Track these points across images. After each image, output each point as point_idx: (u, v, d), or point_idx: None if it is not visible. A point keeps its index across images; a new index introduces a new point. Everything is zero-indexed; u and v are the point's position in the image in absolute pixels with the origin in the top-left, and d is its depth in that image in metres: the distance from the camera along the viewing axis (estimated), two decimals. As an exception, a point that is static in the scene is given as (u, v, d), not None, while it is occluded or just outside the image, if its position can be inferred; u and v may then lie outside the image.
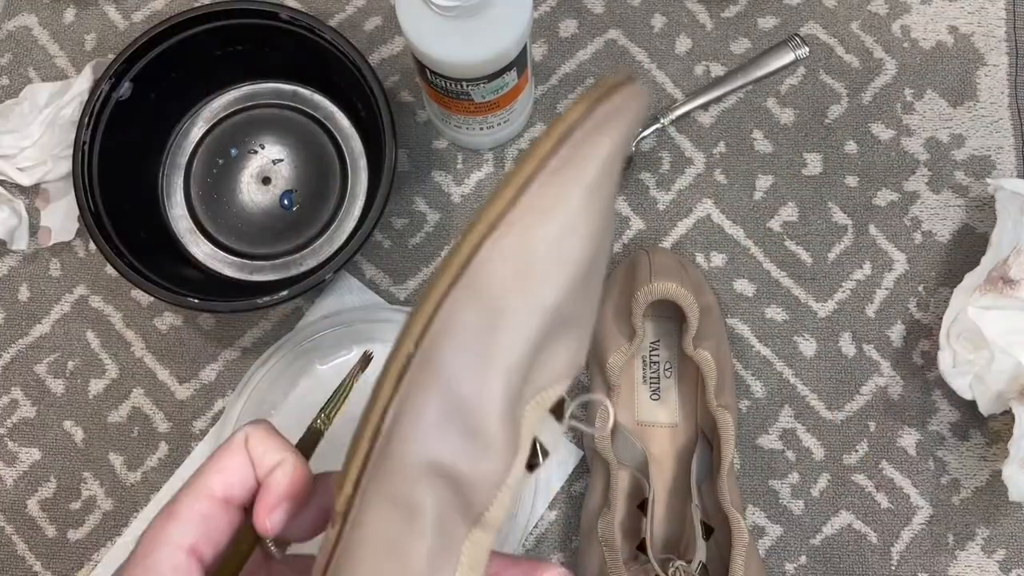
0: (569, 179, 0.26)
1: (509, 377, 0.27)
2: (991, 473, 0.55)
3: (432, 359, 0.26)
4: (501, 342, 0.26)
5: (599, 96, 0.27)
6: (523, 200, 0.26)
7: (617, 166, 0.27)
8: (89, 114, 0.53)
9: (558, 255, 0.26)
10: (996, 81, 0.60)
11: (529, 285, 0.26)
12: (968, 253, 0.57)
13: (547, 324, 0.27)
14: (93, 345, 0.57)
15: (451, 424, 0.27)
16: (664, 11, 0.61)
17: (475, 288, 0.26)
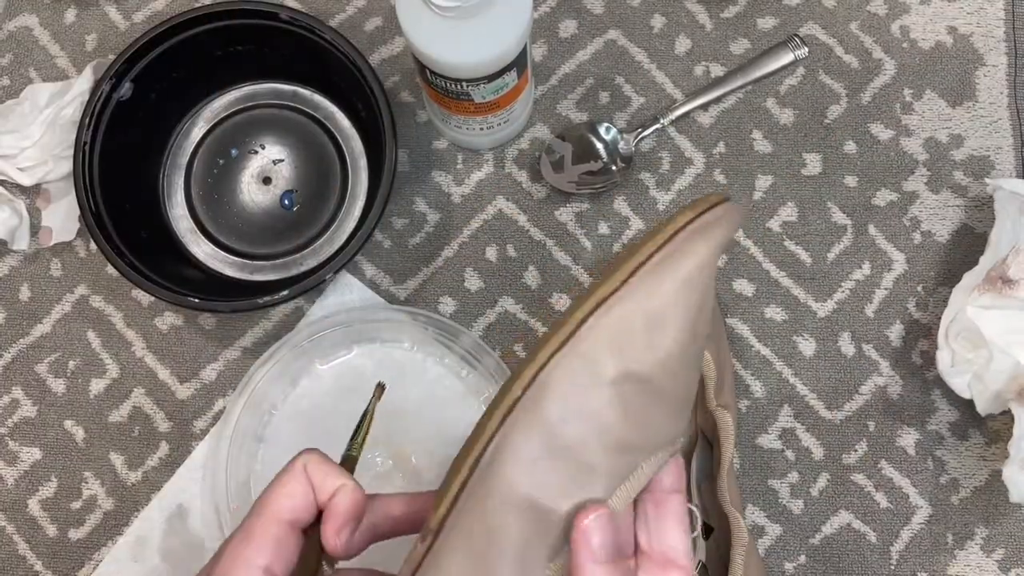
0: (667, 271, 0.31)
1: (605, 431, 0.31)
2: (990, 473, 0.55)
3: (539, 404, 0.31)
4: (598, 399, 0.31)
5: (704, 207, 0.32)
6: (627, 286, 0.31)
7: (712, 269, 0.32)
8: (90, 114, 0.53)
9: (654, 333, 0.31)
10: (995, 81, 0.60)
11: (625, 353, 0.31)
12: (967, 253, 0.58)
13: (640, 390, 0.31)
14: (94, 345, 0.58)
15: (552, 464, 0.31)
16: (664, 11, 0.61)
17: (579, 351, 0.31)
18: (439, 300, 0.58)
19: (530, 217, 0.58)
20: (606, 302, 0.31)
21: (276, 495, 0.34)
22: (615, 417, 0.31)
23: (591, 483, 0.31)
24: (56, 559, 0.55)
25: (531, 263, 0.58)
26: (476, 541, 0.30)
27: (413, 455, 0.54)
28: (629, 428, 0.31)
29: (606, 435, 0.31)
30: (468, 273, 0.58)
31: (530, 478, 0.30)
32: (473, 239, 0.58)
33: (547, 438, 0.30)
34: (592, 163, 0.58)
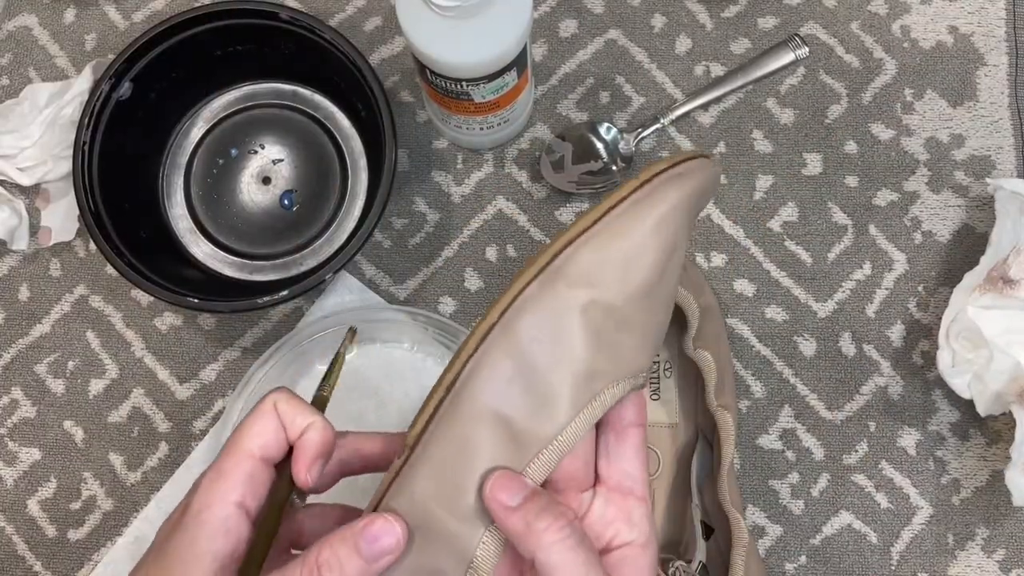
0: (640, 212, 0.33)
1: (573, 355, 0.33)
2: (991, 473, 0.55)
3: (513, 328, 0.33)
4: (569, 323, 0.33)
5: (679, 159, 0.34)
6: (604, 220, 0.33)
7: (684, 215, 0.34)
8: (89, 114, 0.53)
9: (625, 266, 0.33)
10: (996, 81, 0.60)
11: (598, 285, 0.33)
12: (968, 253, 0.58)
13: (609, 319, 0.33)
14: (93, 345, 0.57)
15: (521, 384, 0.32)
16: (664, 11, 0.61)
17: (555, 281, 0.33)
18: (439, 300, 0.58)
19: (530, 217, 0.58)
20: (581, 236, 0.33)
21: (248, 433, 0.35)
22: (583, 342, 0.32)
23: (553, 408, 0.32)
24: (55, 559, 0.55)
25: (531, 263, 0.58)
26: (448, 453, 0.32)
27: (413, 455, 0.54)
28: (596, 354, 0.33)
29: (574, 359, 0.33)
30: (468, 273, 0.58)
31: (502, 396, 0.32)
32: (473, 239, 0.58)
33: (518, 358, 0.32)
34: (592, 163, 0.58)
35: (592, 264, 0.33)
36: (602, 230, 0.33)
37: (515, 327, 0.33)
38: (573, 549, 0.31)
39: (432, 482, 0.32)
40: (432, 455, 0.33)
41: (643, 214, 0.33)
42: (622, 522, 0.34)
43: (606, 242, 0.33)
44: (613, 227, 0.33)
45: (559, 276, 0.33)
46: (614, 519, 0.34)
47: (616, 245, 0.33)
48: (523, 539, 0.31)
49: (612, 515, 0.34)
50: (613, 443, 0.34)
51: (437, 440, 0.33)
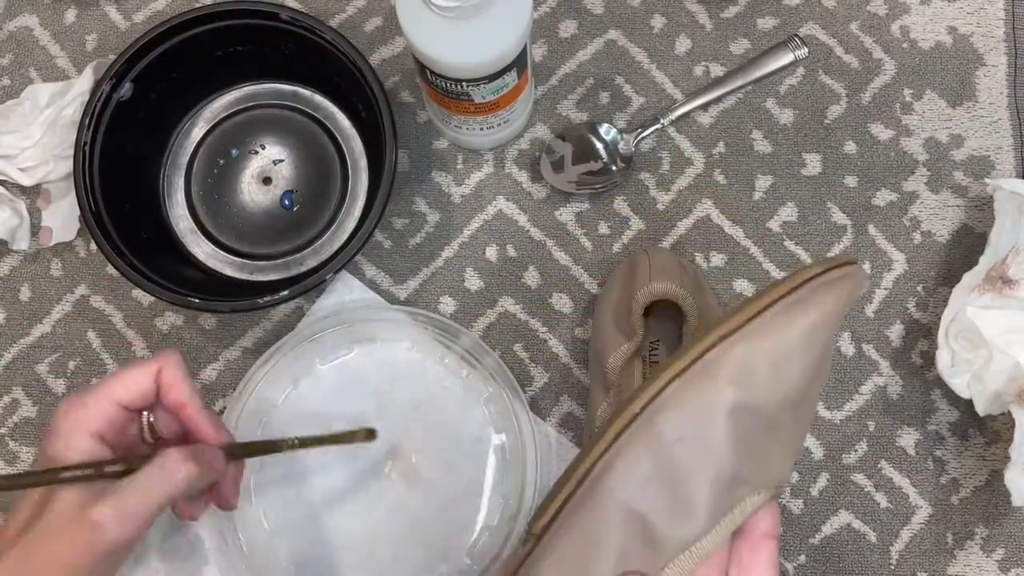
0: (795, 316, 0.32)
1: (717, 458, 0.31)
2: (990, 473, 0.55)
3: (655, 424, 0.31)
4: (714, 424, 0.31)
5: (833, 265, 0.34)
6: (757, 321, 0.32)
7: (834, 323, 0.33)
8: (90, 115, 0.53)
9: (777, 370, 0.32)
10: (995, 81, 0.60)
11: (748, 387, 0.31)
12: (967, 253, 0.58)
13: (756, 424, 0.32)
14: (94, 345, 0.58)
15: (661, 484, 0.31)
16: (664, 12, 0.61)
17: (703, 376, 0.31)
18: (439, 300, 0.58)
19: (530, 217, 0.59)
20: (733, 335, 0.32)
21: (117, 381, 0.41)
22: (728, 447, 0.31)
23: (692, 512, 0.31)
24: (56, 559, 0.55)
25: (531, 263, 0.58)
26: (577, 547, 0.31)
27: (413, 455, 0.54)
28: (740, 460, 0.32)
29: (716, 463, 0.31)
30: (468, 273, 0.58)
31: (639, 494, 0.31)
32: (473, 239, 0.58)
33: (659, 457, 0.31)
34: (592, 163, 0.58)
35: (744, 364, 0.31)
36: (752, 332, 0.32)
37: (658, 423, 0.31)
38: None
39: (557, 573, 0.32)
40: (559, 548, 0.32)
41: (797, 319, 0.32)
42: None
43: (760, 343, 0.32)
44: (766, 329, 0.32)
45: (707, 374, 0.32)
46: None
47: (770, 347, 0.32)
48: None
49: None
50: (746, 554, 0.33)
51: (566, 532, 0.32)
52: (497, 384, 0.54)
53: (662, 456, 0.31)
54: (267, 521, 0.54)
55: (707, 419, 0.31)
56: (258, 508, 0.54)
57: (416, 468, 0.54)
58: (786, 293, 0.32)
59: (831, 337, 0.33)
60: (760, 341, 0.32)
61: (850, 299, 0.34)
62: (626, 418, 0.32)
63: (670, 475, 0.31)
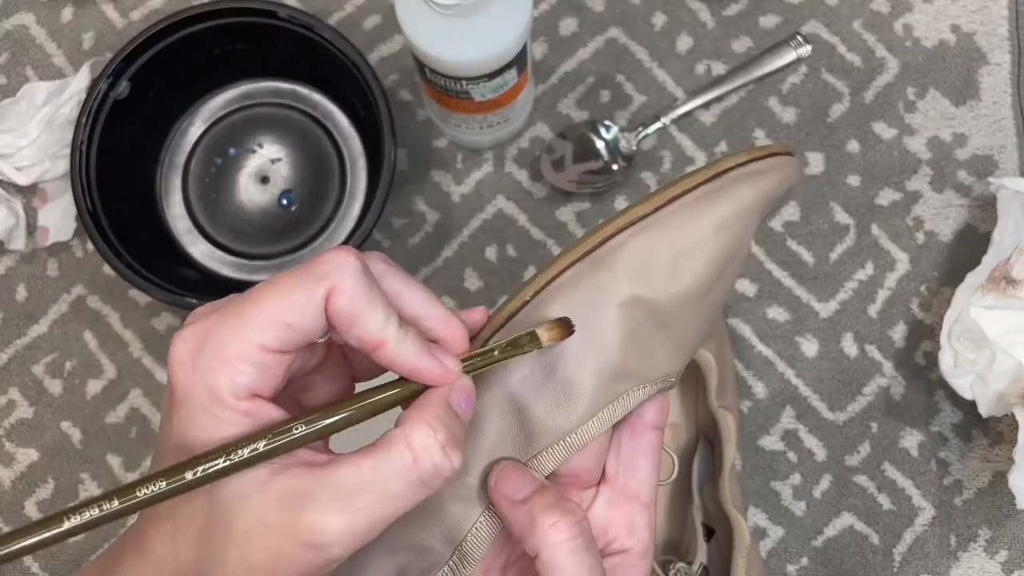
0: (705, 208, 0.30)
1: (604, 350, 0.30)
2: (994, 474, 0.55)
3: (542, 310, 0.30)
4: (604, 315, 0.30)
5: (760, 155, 0.31)
6: (664, 212, 0.30)
7: (753, 218, 0.31)
8: (87, 113, 0.53)
9: (676, 265, 0.30)
10: (999, 80, 0.59)
11: (643, 280, 0.30)
12: (971, 253, 0.57)
13: (648, 319, 0.31)
14: (91, 345, 0.57)
15: (542, 372, 0.30)
16: (665, 9, 0.61)
17: (598, 269, 0.30)
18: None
19: (530, 217, 0.58)
20: (634, 224, 0.30)
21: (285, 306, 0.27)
22: (617, 339, 0.30)
23: (572, 402, 0.30)
24: (53, 560, 0.55)
25: (531, 263, 0.58)
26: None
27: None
28: (627, 353, 0.30)
29: (602, 355, 0.30)
30: (468, 273, 0.58)
31: (519, 381, 0.30)
32: (473, 239, 0.58)
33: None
34: (593, 162, 0.58)
35: (641, 257, 0.30)
36: (658, 222, 0.30)
37: (545, 312, 0.30)
38: (579, 551, 0.29)
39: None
40: None
41: (707, 211, 0.30)
42: (622, 527, 0.32)
43: (660, 235, 0.30)
44: (671, 220, 0.30)
45: (602, 264, 0.30)
46: (614, 522, 0.32)
47: (671, 240, 0.30)
48: (527, 534, 0.29)
49: (613, 518, 0.32)
50: (627, 442, 0.32)
51: None
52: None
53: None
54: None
55: (597, 310, 0.30)
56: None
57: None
58: (700, 183, 0.30)
59: (745, 233, 0.31)
60: (663, 233, 0.30)
61: (773, 193, 0.31)
62: (517, 303, 0.31)
63: (553, 363, 0.30)
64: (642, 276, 0.30)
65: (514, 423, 0.31)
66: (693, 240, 0.30)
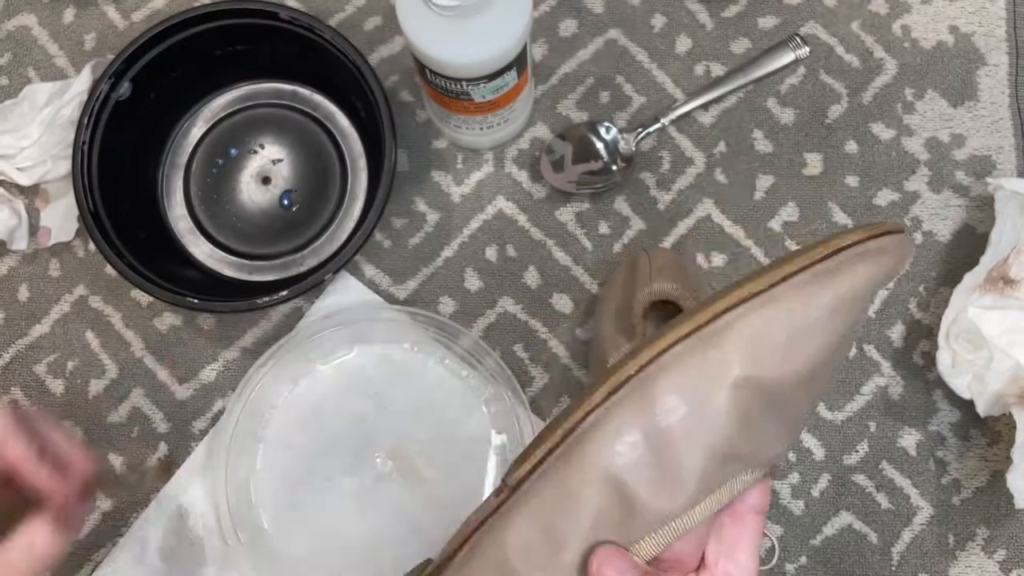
0: (821, 289, 0.29)
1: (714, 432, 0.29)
2: (992, 473, 0.55)
3: (649, 386, 0.29)
4: (716, 395, 0.29)
5: (875, 233, 0.30)
6: (778, 289, 0.29)
7: (867, 297, 0.30)
8: (88, 114, 0.53)
9: (791, 346, 0.29)
10: (997, 81, 0.60)
11: (757, 359, 0.29)
12: (969, 253, 0.57)
13: (760, 400, 0.29)
14: (93, 345, 0.57)
15: (649, 453, 0.29)
16: (664, 11, 0.61)
17: (711, 344, 0.29)
18: (439, 300, 0.57)
19: (530, 217, 0.58)
20: (750, 301, 0.29)
21: None
22: (727, 421, 0.29)
23: (678, 486, 0.29)
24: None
25: (531, 263, 0.58)
26: (551, 506, 0.30)
27: (413, 455, 0.54)
28: (738, 436, 0.29)
29: (712, 438, 0.29)
30: (468, 273, 0.58)
31: (623, 459, 0.29)
32: (473, 239, 0.58)
33: (650, 424, 0.29)
34: (592, 163, 0.58)
35: (754, 337, 0.29)
36: (772, 301, 0.29)
37: (653, 387, 0.29)
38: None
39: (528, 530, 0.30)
40: (533, 503, 0.30)
41: (823, 293, 0.29)
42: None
43: (774, 315, 0.29)
44: (786, 299, 0.29)
45: (715, 341, 0.29)
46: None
47: (785, 321, 0.29)
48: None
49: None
50: (728, 527, 0.31)
51: (542, 488, 0.30)
52: (497, 384, 0.54)
53: (653, 423, 0.29)
54: (267, 521, 0.54)
55: (708, 390, 0.29)
56: (258, 508, 0.54)
57: (416, 468, 0.54)
58: (816, 261, 0.29)
59: (859, 314, 0.30)
60: (777, 312, 0.29)
61: (891, 274, 0.30)
62: (621, 377, 0.29)
63: (660, 444, 0.29)
64: (754, 357, 0.29)
65: (615, 503, 0.29)
66: (807, 322, 0.29)
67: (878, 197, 0.58)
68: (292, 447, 0.55)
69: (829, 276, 0.29)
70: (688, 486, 0.29)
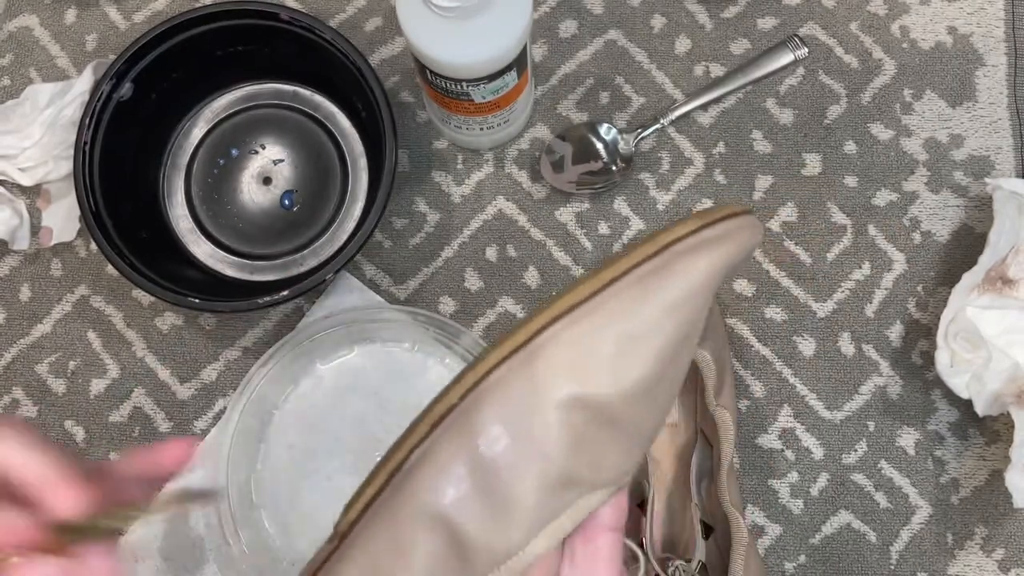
0: (652, 290, 0.26)
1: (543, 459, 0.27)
2: (990, 473, 0.55)
3: (471, 418, 0.27)
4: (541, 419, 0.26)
5: (711, 219, 0.27)
6: (601, 297, 0.26)
7: (708, 294, 0.27)
8: (90, 115, 0.53)
9: (621, 357, 0.26)
10: (995, 81, 0.60)
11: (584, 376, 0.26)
12: (967, 253, 0.58)
13: (593, 419, 0.27)
14: (94, 345, 0.58)
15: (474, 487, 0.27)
16: (664, 12, 0.61)
17: (531, 365, 0.26)
18: (439, 300, 0.58)
19: (530, 217, 0.59)
20: (572, 312, 0.26)
21: None
22: (558, 446, 0.26)
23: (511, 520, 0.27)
24: (56, 559, 0.55)
25: (531, 263, 0.58)
26: (382, 553, 0.27)
27: (413, 455, 0.54)
28: (572, 460, 0.27)
29: (542, 464, 0.27)
30: (468, 273, 0.58)
31: (449, 498, 0.27)
32: (473, 239, 0.58)
33: (474, 456, 0.27)
34: (592, 163, 0.58)
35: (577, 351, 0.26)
36: (594, 310, 0.26)
37: (474, 417, 0.27)
38: None
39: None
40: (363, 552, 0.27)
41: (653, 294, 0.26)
42: None
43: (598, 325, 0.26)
44: (609, 306, 0.26)
45: (536, 359, 0.26)
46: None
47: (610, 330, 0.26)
48: None
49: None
50: (580, 550, 0.28)
51: (369, 536, 0.27)
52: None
53: (477, 454, 0.26)
54: (268, 521, 0.54)
55: (532, 414, 0.26)
56: (259, 508, 0.54)
57: (416, 468, 0.54)
58: (641, 262, 0.26)
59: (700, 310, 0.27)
60: (601, 322, 0.26)
61: (730, 262, 0.27)
62: (444, 407, 0.27)
63: (486, 477, 0.26)
64: (581, 372, 0.26)
65: (446, 546, 0.27)
66: (638, 328, 0.26)
67: (877, 197, 0.58)
68: (293, 447, 0.55)
69: (657, 276, 0.26)
70: (522, 519, 0.27)
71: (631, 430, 0.28)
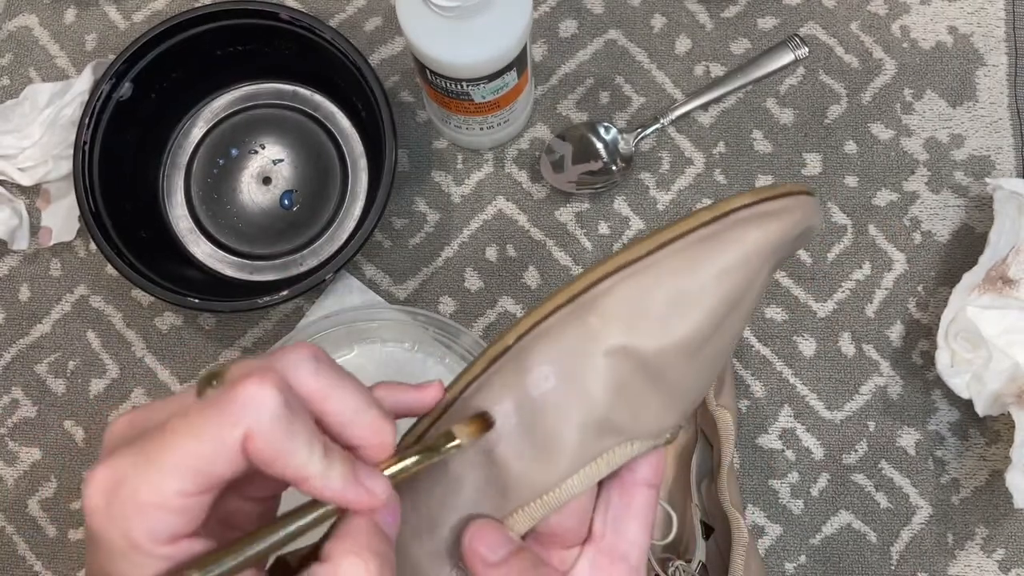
0: (705, 253, 0.28)
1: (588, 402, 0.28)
2: (991, 473, 0.55)
3: (524, 356, 0.28)
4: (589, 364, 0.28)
5: (771, 194, 0.28)
6: (658, 255, 0.28)
7: (761, 264, 0.28)
8: (90, 114, 0.53)
9: (670, 313, 0.28)
10: (995, 81, 0.60)
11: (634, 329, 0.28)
12: (967, 253, 0.58)
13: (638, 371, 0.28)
14: (94, 345, 0.58)
15: (520, 422, 0.28)
16: (664, 11, 0.61)
17: (585, 315, 0.28)
18: (439, 300, 0.58)
19: (530, 217, 0.58)
20: (628, 267, 0.28)
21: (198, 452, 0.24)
22: (603, 391, 0.28)
23: (551, 457, 0.28)
24: (56, 559, 0.55)
25: (531, 263, 0.58)
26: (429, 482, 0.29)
27: (413, 455, 0.54)
28: (614, 407, 0.28)
29: (586, 408, 0.28)
30: (468, 273, 0.58)
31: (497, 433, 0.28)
32: (473, 239, 0.58)
33: (523, 394, 0.28)
34: (592, 163, 0.58)
35: (631, 303, 0.28)
36: (652, 266, 0.28)
37: (527, 358, 0.28)
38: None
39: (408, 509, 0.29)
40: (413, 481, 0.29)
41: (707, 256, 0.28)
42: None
43: (654, 281, 0.28)
44: (667, 264, 0.28)
45: (589, 310, 0.28)
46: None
47: (665, 287, 0.27)
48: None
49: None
50: (616, 500, 0.30)
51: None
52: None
53: (526, 394, 0.28)
54: (267, 521, 0.54)
55: (581, 359, 0.28)
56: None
57: (416, 468, 0.54)
58: (701, 224, 0.28)
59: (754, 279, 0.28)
60: (657, 278, 0.27)
61: (786, 236, 0.28)
62: (498, 349, 0.29)
63: (532, 415, 0.28)
64: (632, 324, 0.28)
65: (489, 477, 0.29)
66: (690, 287, 0.28)
67: (877, 197, 0.58)
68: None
69: (714, 240, 0.28)
70: (561, 457, 0.28)
71: (673, 387, 0.29)
